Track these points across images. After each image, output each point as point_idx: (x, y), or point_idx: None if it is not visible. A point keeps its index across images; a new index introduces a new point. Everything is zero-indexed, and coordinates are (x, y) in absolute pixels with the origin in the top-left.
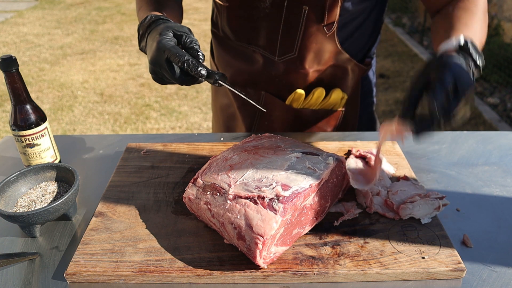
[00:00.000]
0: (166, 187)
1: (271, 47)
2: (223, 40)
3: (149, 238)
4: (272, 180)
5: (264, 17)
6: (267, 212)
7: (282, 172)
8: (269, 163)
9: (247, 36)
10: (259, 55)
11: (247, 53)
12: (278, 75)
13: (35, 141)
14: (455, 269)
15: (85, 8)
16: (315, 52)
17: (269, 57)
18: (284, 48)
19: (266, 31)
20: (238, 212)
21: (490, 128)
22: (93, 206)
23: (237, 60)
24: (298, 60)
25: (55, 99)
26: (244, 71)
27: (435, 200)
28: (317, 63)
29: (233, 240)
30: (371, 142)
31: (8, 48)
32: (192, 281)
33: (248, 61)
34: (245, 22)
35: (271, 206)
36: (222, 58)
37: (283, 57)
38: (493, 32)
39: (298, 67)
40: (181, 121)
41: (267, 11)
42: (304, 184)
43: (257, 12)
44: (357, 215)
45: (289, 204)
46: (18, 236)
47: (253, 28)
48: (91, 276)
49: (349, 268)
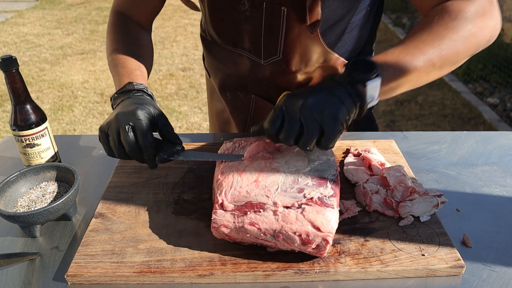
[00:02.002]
0: (166, 187)
1: (256, 49)
2: (211, 44)
3: (149, 238)
4: (305, 179)
5: (245, 19)
6: (325, 209)
7: (307, 168)
8: (288, 164)
9: (232, 39)
10: (245, 58)
11: (234, 57)
12: (266, 78)
13: (35, 141)
14: (454, 265)
15: (85, 8)
16: (300, 54)
17: (256, 60)
18: (268, 51)
19: (249, 33)
20: (298, 220)
21: (490, 128)
22: (93, 206)
23: (225, 64)
24: (283, 63)
25: (55, 99)
26: (233, 75)
27: (434, 198)
28: (304, 64)
29: (294, 247)
30: (369, 140)
31: (8, 48)
32: (193, 281)
33: (235, 64)
34: (228, 25)
35: (325, 203)
36: (212, 62)
37: (268, 60)
38: None
39: (285, 70)
40: (181, 121)
41: (247, 14)
42: (332, 171)
43: (238, 15)
44: (356, 214)
45: (337, 194)
46: (18, 236)
47: (237, 31)
48: (92, 277)
49: (350, 266)
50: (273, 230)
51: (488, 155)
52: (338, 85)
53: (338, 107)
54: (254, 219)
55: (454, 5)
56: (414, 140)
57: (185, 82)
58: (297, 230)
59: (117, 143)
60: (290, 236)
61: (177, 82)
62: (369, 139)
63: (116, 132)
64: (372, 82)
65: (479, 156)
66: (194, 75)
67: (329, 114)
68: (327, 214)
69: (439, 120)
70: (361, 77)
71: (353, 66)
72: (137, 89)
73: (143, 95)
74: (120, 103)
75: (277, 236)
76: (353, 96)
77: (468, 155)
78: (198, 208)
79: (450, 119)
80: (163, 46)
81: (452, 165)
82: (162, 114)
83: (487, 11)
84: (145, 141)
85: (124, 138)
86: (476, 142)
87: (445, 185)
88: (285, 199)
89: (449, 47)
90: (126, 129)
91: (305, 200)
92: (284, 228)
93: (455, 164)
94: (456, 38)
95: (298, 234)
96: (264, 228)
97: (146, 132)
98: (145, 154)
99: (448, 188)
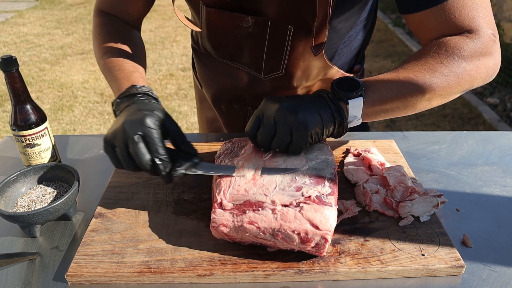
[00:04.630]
0: (166, 187)
1: (256, 65)
2: (204, 56)
3: (149, 238)
4: (303, 177)
5: (247, 36)
6: (324, 207)
7: (305, 167)
8: (286, 163)
9: (230, 54)
10: (243, 73)
11: (231, 71)
12: (265, 92)
13: (35, 141)
14: (454, 265)
15: (85, 8)
16: (303, 70)
17: (255, 75)
18: (270, 67)
19: (250, 49)
20: (296, 218)
21: (490, 128)
22: (93, 206)
23: (221, 77)
24: (285, 79)
25: (55, 99)
26: (229, 88)
27: (434, 198)
28: (305, 79)
29: (293, 246)
30: (369, 140)
31: (8, 48)
32: (193, 281)
33: (232, 78)
34: (227, 40)
35: (323, 201)
36: (205, 74)
37: (269, 75)
38: None
39: (286, 85)
40: (181, 121)
41: (250, 30)
42: (330, 170)
43: (239, 31)
44: (356, 214)
45: (335, 192)
46: (18, 236)
47: (236, 46)
48: (92, 277)
49: (350, 266)
50: (272, 229)
51: (488, 155)
52: (320, 97)
53: (312, 115)
54: (253, 218)
55: (452, 41)
56: (414, 140)
57: (185, 82)
58: (295, 229)
59: (126, 155)
60: (289, 235)
61: (177, 82)
62: (369, 139)
63: (124, 143)
64: (354, 101)
65: (479, 156)
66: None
67: (300, 119)
68: (325, 212)
69: (439, 120)
70: (343, 94)
71: (338, 84)
72: (142, 93)
73: (148, 99)
74: (124, 109)
75: (276, 235)
76: (333, 111)
77: (468, 155)
78: (198, 208)
79: (450, 119)
80: (163, 46)
81: (452, 165)
82: (172, 120)
83: (488, 50)
84: (159, 153)
85: (134, 150)
86: (476, 142)
87: (445, 185)
88: (283, 198)
89: (440, 81)
90: (136, 140)
91: (303, 199)
92: (283, 226)
93: (455, 164)
94: (449, 73)
95: (297, 233)
96: (263, 226)
97: (159, 143)
98: (159, 167)
99: (448, 188)
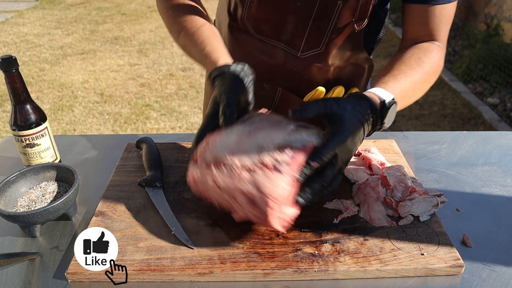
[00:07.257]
0: (166, 186)
1: (295, 41)
2: (241, 32)
3: (149, 237)
4: (272, 147)
5: (294, 10)
6: (275, 175)
7: (281, 138)
8: (267, 134)
9: (271, 29)
10: (279, 50)
11: (266, 48)
12: (299, 71)
13: (35, 141)
14: (454, 265)
15: (85, 8)
16: (339, 47)
17: (292, 52)
18: (310, 44)
19: (294, 25)
20: (247, 181)
21: (490, 128)
22: (93, 206)
23: (255, 55)
24: (323, 56)
25: (55, 99)
26: (262, 66)
27: (434, 198)
28: (339, 58)
29: (246, 211)
30: (369, 140)
31: (8, 48)
32: (193, 279)
33: (267, 55)
34: (273, 13)
35: (277, 169)
36: (239, 52)
37: (307, 53)
38: (493, 32)
39: (322, 62)
40: (181, 121)
41: (298, 4)
42: (305, 142)
43: (286, 5)
44: (356, 213)
45: (295, 163)
46: (18, 236)
47: (280, 22)
48: (92, 275)
49: (349, 265)
50: (229, 188)
51: (488, 155)
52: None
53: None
54: (215, 176)
55: (429, 47)
56: (414, 140)
57: (185, 82)
58: (245, 191)
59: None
60: (240, 197)
61: (177, 82)
62: (369, 139)
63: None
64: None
65: (479, 156)
66: (194, 75)
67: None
68: (274, 180)
69: (439, 120)
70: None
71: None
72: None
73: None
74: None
75: (232, 196)
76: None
77: (468, 155)
78: (198, 207)
79: (450, 119)
80: (163, 46)
81: (452, 165)
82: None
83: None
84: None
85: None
86: (476, 142)
87: (445, 185)
88: (245, 161)
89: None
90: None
91: (261, 163)
92: (236, 187)
93: (455, 164)
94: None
95: (245, 196)
96: (222, 186)
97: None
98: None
99: (448, 188)
